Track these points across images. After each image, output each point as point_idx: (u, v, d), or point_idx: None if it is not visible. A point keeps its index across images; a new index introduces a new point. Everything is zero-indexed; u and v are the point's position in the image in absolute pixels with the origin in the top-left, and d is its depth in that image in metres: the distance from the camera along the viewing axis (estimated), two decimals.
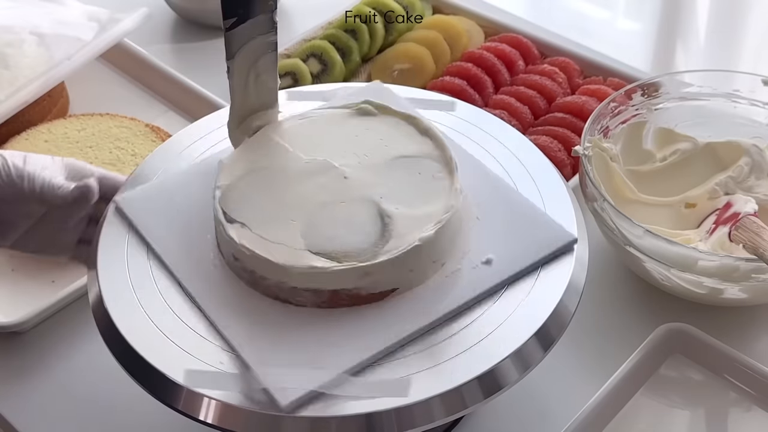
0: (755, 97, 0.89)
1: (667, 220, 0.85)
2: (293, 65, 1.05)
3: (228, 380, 0.61)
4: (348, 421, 0.59)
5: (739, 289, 0.77)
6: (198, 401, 0.61)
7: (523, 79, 1.03)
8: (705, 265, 0.75)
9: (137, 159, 0.96)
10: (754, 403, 0.76)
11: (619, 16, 1.30)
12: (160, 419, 0.71)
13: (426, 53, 1.07)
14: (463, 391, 0.61)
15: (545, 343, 0.64)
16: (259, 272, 0.65)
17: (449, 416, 0.60)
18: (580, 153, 0.82)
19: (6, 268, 0.89)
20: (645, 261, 0.79)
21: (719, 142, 0.88)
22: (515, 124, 0.95)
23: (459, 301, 0.65)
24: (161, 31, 1.21)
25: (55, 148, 0.97)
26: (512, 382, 0.62)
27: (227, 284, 0.67)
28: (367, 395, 0.60)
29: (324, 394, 0.60)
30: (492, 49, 1.06)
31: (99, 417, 0.78)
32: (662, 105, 0.90)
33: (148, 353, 0.63)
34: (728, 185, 0.86)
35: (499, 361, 0.62)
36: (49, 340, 0.84)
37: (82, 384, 0.80)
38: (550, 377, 0.77)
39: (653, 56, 1.20)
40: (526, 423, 0.76)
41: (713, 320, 0.81)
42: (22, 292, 0.86)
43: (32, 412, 0.79)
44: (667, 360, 0.79)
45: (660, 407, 0.77)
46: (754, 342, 0.81)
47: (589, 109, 0.94)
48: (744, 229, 0.78)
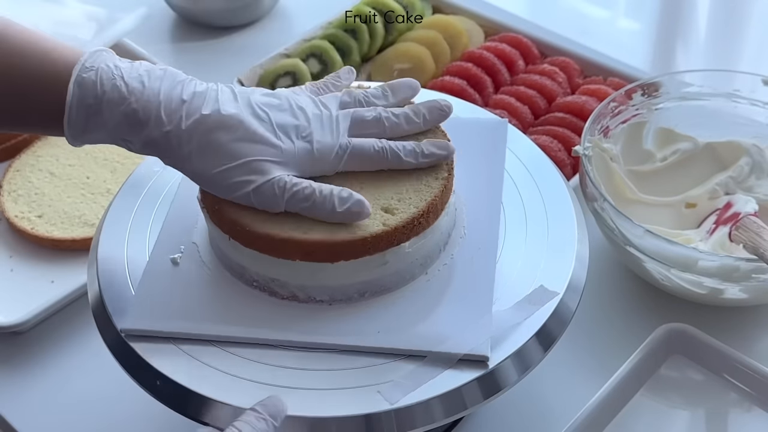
0: (755, 97, 0.89)
1: (667, 220, 0.85)
2: (293, 65, 1.05)
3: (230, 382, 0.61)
4: (348, 421, 0.59)
5: (740, 290, 0.77)
6: (199, 402, 0.61)
7: (523, 78, 1.03)
8: (705, 265, 0.75)
9: (137, 159, 0.96)
10: (754, 403, 0.76)
11: (619, 16, 1.30)
12: (161, 419, 0.71)
13: (426, 53, 1.06)
14: (463, 391, 0.61)
15: (545, 343, 0.64)
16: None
17: (449, 417, 0.60)
18: (580, 153, 0.82)
19: (5, 269, 0.89)
20: (645, 261, 0.79)
21: (719, 142, 0.88)
22: (515, 124, 0.95)
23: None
24: (161, 31, 1.21)
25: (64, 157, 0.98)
26: (512, 383, 0.62)
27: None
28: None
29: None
30: (492, 48, 1.06)
31: (99, 417, 0.78)
32: (662, 105, 0.90)
33: (148, 353, 0.63)
34: (728, 185, 0.86)
35: (499, 361, 0.62)
36: (48, 340, 0.84)
37: (81, 384, 0.80)
38: (550, 377, 0.77)
39: (653, 56, 1.20)
40: (526, 423, 0.76)
41: (713, 320, 0.81)
42: (22, 293, 0.86)
43: (32, 412, 0.79)
44: (668, 360, 0.79)
45: (660, 407, 0.77)
46: (754, 342, 0.81)
47: (589, 108, 0.94)
48: (744, 229, 0.78)
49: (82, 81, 0.62)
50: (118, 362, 0.64)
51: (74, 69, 0.62)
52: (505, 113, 0.97)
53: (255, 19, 1.22)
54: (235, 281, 0.67)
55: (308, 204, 0.62)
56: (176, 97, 0.63)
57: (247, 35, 1.19)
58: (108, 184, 0.95)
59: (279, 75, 1.04)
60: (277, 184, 0.62)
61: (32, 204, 0.93)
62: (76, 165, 0.97)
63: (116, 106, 0.62)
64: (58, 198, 0.94)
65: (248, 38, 1.18)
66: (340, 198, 0.62)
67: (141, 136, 0.63)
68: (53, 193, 0.94)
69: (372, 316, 0.64)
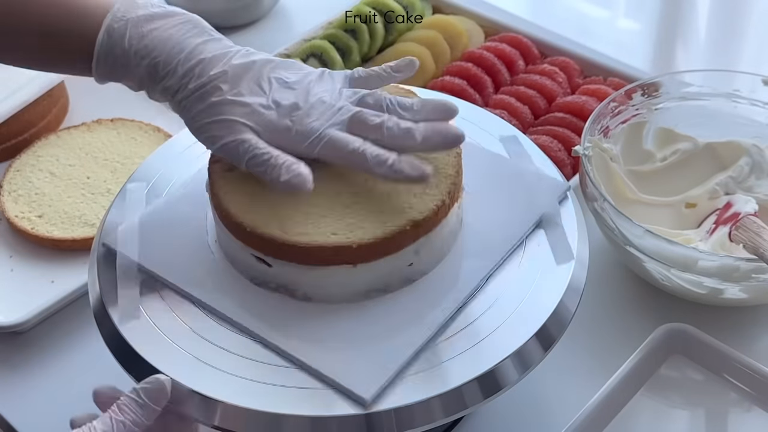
0: (755, 97, 0.89)
1: (667, 220, 0.85)
2: None
3: (230, 381, 0.61)
4: (348, 421, 0.59)
5: (740, 289, 0.77)
6: (199, 402, 0.61)
7: (523, 78, 1.03)
8: (705, 265, 0.75)
9: (137, 159, 0.96)
10: (754, 403, 0.76)
11: (619, 16, 1.30)
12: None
13: (426, 53, 1.06)
14: (463, 391, 0.61)
15: (545, 343, 0.64)
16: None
17: (449, 416, 0.60)
18: (580, 153, 0.82)
19: (5, 269, 0.89)
20: (645, 261, 0.79)
21: (719, 142, 0.88)
22: (515, 124, 0.95)
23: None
24: None
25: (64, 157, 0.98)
26: (512, 383, 0.62)
27: (231, 281, 0.67)
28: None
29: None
30: (492, 48, 1.06)
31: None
32: (662, 105, 0.90)
33: (148, 353, 0.63)
34: (728, 185, 0.86)
35: (499, 361, 0.62)
36: (48, 340, 0.84)
37: (81, 384, 0.80)
38: (550, 377, 0.77)
39: (653, 56, 1.20)
40: (526, 423, 0.76)
41: (713, 320, 0.81)
42: (22, 293, 0.86)
43: (32, 412, 0.79)
44: (668, 360, 0.79)
45: (660, 407, 0.77)
46: (754, 342, 0.81)
47: (590, 108, 0.94)
48: (744, 229, 0.78)
49: (112, 31, 0.67)
50: (118, 362, 0.65)
51: (105, 18, 0.67)
52: (505, 113, 0.97)
53: (255, 19, 1.22)
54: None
55: (262, 169, 0.64)
56: (196, 56, 0.67)
57: (247, 35, 1.19)
58: (108, 184, 0.95)
59: None
60: (241, 144, 0.65)
61: (32, 204, 0.93)
62: (76, 165, 0.97)
63: (141, 59, 0.67)
64: (59, 198, 0.94)
65: (248, 38, 1.18)
66: (287, 168, 0.64)
67: (160, 85, 0.68)
68: (53, 193, 0.94)
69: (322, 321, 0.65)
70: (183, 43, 0.67)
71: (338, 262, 0.64)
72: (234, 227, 0.66)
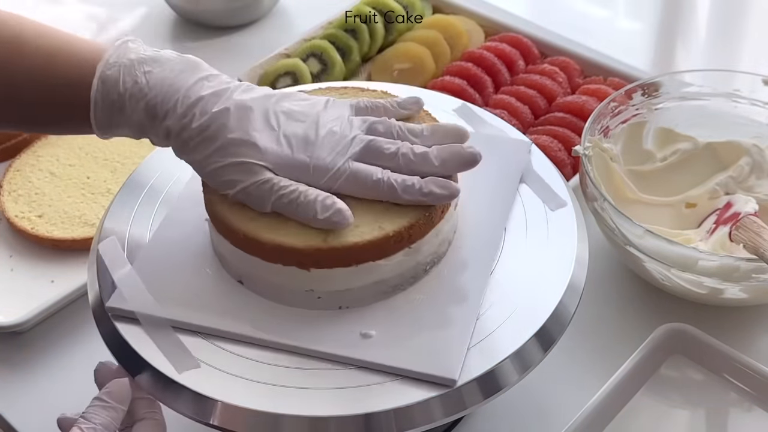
0: (755, 97, 0.89)
1: (667, 220, 0.85)
2: (293, 65, 1.05)
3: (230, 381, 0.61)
4: (347, 421, 0.59)
5: (740, 289, 0.77)
6: (199, 402, 0.61)
7: (523, 78, 1.03)
8: (705, 265, 0.75)
9: (137, 159, 0.96)
10: (754, 403, 0.76)
11: (620, 16, 1.30)
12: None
13: (426, 53, 1.06)
14: (463, 391, 0.60)
15: (545, 343, 0.64)
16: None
17: (449, 417, 0.60)
18: (580, 153, 0.82)
19: (5, 269, 0.89)
20: (645, 261, 0.79)
21: (719, 141, 0.88)
22: (515, 124, 0.95)
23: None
24: (161, 31, 1.21)
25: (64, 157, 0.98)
26: (512, 383, 0.62)
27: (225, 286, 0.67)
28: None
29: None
30: (492, 48, 1.06)
31: None
32: (662, 105, 0.90)
33: (148, 353, 0.63)
34: (729, 185, 0.86)
35: (499, 361, 0.62)
36: (48, 339, 0.84)
37: (81, 384, 0.80)
38: (550, 377, 0.77)
39: (653, 56, 1.20)
40: (526, 423, 0.76)
41: (713, 320, 0.81)
42: (22, 292, 0.86)
43: (32, 412, 0.79)
44: (668, 360, 0.79)
45: (660, 407, 0.77)
46: (754, 342, 0.81)
47: (590, 108, 0.94)
48: (744, 229, 0.78)
49: (106, 78, 0.65)
50: (118, 362, 0.64)
51: (98, 66, 0.65)
52: (505, 113, 0.97)
53: (255, 19, 1.22)
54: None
55: (292, 208, 0.63)
56: (194, 93, 0.65)
57: (247, 35, 1.19)
58: (108, 184, 0.95)
59: (279, 75, 1.04)
60: (264, 185, 0.63)
61: (32, 204, 0.93)
62: (76, 165, 0.97)
63: (137, 101, 0.65)
64: (59, 198, 0.94)
65: (248, 38, 1.18)
66: (323, 205, 0.63)
67: (160, 128, 0.65)
68: (53, 193, 0.94)
69: (355, 322, 0.64)
70: (178, 82, 0.65)
71: (372, 258, 0.64)
72: (257, 247, 0.64)
